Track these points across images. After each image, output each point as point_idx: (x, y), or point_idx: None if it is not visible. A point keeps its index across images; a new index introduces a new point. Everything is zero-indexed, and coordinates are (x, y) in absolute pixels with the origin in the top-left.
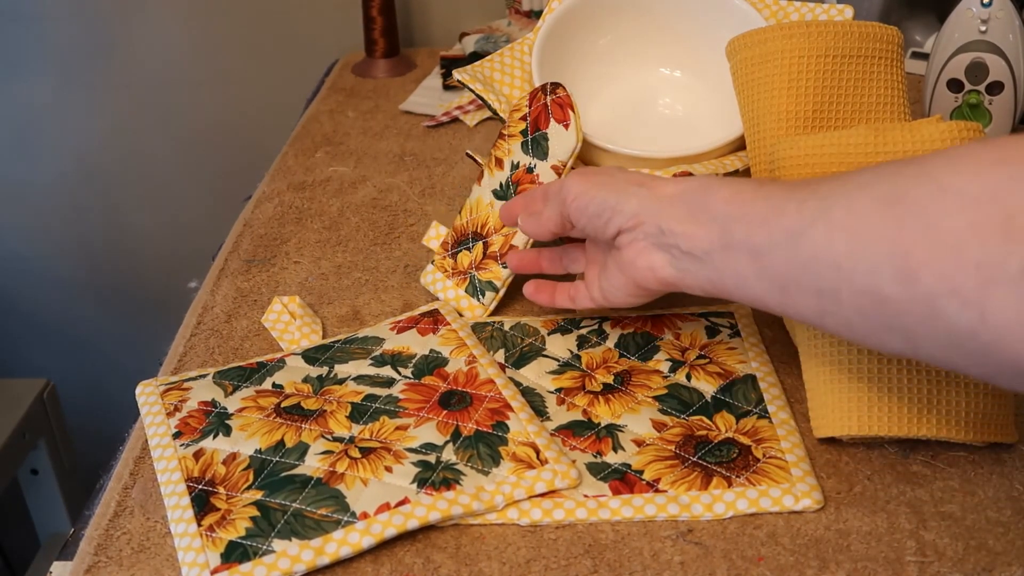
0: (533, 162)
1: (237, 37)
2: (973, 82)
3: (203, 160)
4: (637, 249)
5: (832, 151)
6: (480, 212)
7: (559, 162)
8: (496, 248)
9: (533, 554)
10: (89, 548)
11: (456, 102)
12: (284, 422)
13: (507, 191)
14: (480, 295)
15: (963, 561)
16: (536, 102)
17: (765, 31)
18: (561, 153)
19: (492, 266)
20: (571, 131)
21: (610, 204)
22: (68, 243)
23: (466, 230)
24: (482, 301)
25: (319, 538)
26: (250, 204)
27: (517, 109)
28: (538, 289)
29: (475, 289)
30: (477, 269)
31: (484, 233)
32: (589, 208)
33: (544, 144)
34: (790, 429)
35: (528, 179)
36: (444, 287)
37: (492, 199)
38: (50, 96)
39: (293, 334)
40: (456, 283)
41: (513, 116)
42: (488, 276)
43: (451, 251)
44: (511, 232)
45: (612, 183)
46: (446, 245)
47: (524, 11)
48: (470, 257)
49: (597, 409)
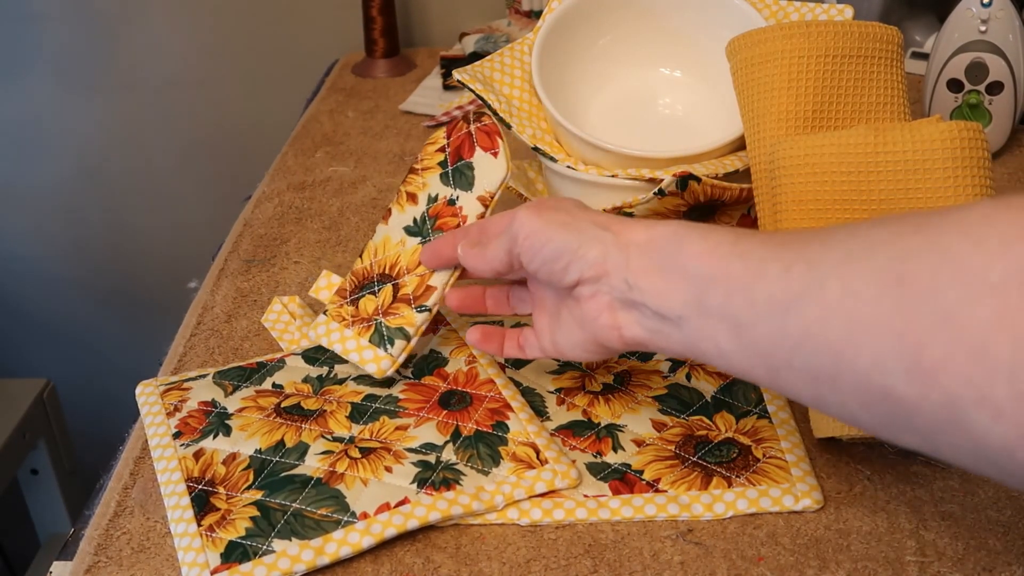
0: (455, 193)
1: (237, 37)
2: (973, 82)
3: (203, 160)
4: (600, 304)
5: (832, 151)
6: (388, 252)
7: (486, 192)
8: (409, 290)
9: (533, 554)
10: (89, 548)
11: (456, 102)
12: (284, 422)
13: (423, 227)
14: (388, 344)
15: (963, 561)
16: (457, 131)
17: (765, 31)
18: (489, 184)
19: (403, 310)
20: (500, 159)
21: (570, 248)
22: (68, 243)
23: (370, 273)
24: (389, 351)
25: (319, 538)
26: (250, 204)
27: (432, 142)
28: (485, 337)
29: (381, 338)
30: (384, 315)
31: (394, 275)
32: (544, 250)
33: (468, 174)
34: (790, 429)
35: (449, 212)
36: (341, 338)
37: (403, 236)
38: (50, 97)
39: (293, 334)
40: (357, 332)
41: (428, 149)
42: (398, 322)
43: (350, 297)
44: (427, 272)
45: (573, 223)
46: (343, 292)
47: (524, 11)
48: (376, 302)
49: (597, 409)
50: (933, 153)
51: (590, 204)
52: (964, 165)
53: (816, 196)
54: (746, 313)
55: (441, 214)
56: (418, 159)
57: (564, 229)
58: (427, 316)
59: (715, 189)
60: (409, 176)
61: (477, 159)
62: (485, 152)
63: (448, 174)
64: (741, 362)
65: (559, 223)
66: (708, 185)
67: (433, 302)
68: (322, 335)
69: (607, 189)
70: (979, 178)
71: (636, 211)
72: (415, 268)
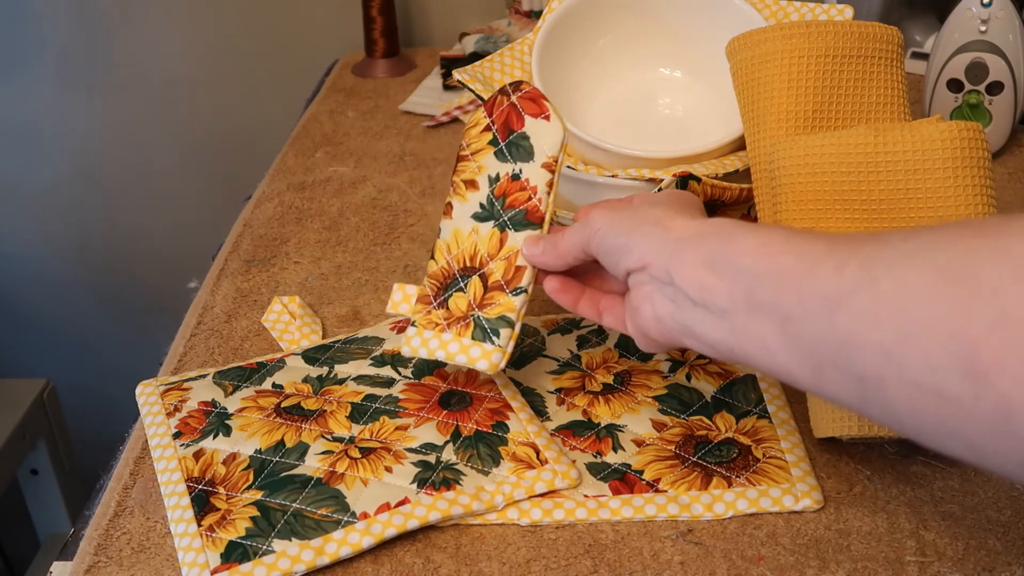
0: (516, 167)
1: (237, 37)
2: (973, 82)
3: (203, 160)
4: (643, 294)
5: (832, 151)
6: (463, 245)
7: (549, 158)
8: (499, 276)
9: (533, 554)
10: (89, 548)
11: (456, 102)
12: (284, 422)
13: (493, 208)
14: (493, 336)
15: (963, 561)
16: (499, 107)
17: (765, 31)
18: (549, 148)
19: (499, 298)
20: (554, 121)
21: (621, 243)
22: (68, 243)
23: (450, 271)
24: (497, 343)
25: (319, 538)
26: (250, 204)
27: (475, 124)
28: (564, 287)
29: (484, 332)
30: (480, 307)
31: (477, 265)
32: (605, 244)
33: (525, 144)
34: (790, 429)
35: (516, 187)
36: (440, 344)
37: (474, 224)
38: (50, 96)
39: (293, 334)
40: (457, 333)
41: (471, 132)
42: (497, 311)
43: (437, 301)
44: (512, 253)
45: (630, 220)
46: (426, 299)
47: (524, 11)
48: (467, 297)
49: (597, 409)
50: (933, 153)
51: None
52: (964, 165)
53: (816, 196)
54: (795, 309)
55: (508, 191)
56: (464, 145)
57: (622, 225)
58: (525, 297)
59: (715, 189)
60: (459, 165)
61: (529, 127)
62: (536, 118)
63: (503, 150)
64: (786, 360)
65: (620, 220)
66: (708, 185)
67: (527, 282)
68: (418, 347)
69: (607, 189)
70: (979, 178)
71: None
72: (498, 253)
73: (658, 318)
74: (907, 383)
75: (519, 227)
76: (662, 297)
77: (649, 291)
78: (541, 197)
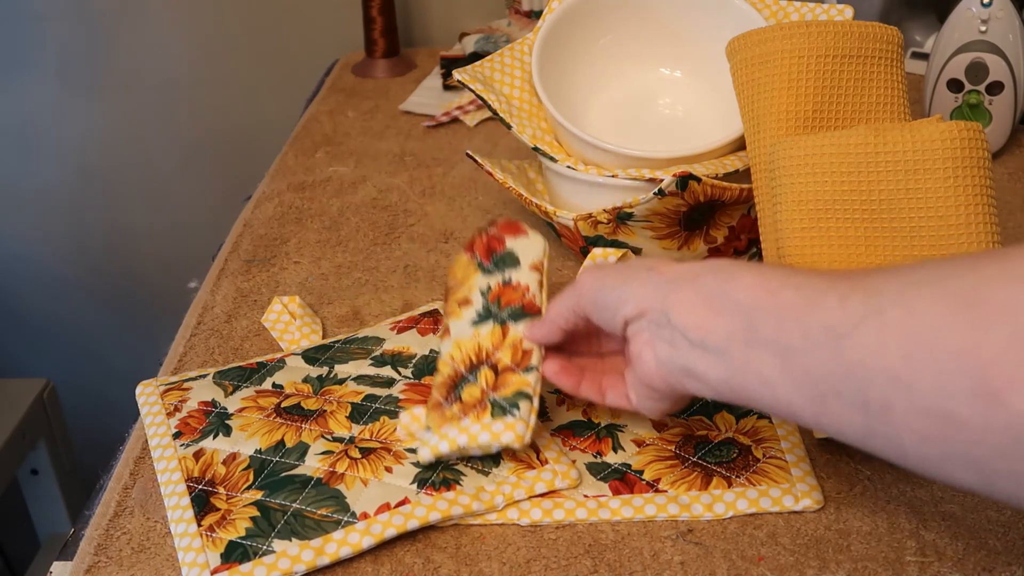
0: (506, 275)
1: (237, 37)
2: (973, 82)
3: (203, 160)
4: (642, 341)
5: (832, 151)
6: (467, 348)
7: (536, 261)
8: (508, 362)
9: (533, 554)
10: (89, 548)
11: (456, 102)
12: (284, 422)
13: (491, 311)
14: (513, 411)
15: (963, 561)
16: (479, 241)
17: (765, 31)
18: (533, 256)
19: (511, 378)
20: (532, 235)
21: (616, 294)
22: (68, 243)
23: (457, 373)
24: (519, 415)
25: (319, 538)
26: (250, 204)
27: (457, 263)
28: (563, 371)
29: (503, 410)
30: (495, 390)
31: (484, 358)
32: (598, 299)
33: (509, 257)
34: (790, 429)
35: (509, 289)
36: (461, 430)
37: (475, 329)
38: (50, 97)
39: (293, 334)
40: (475, 417)
41: (455, 269)
42: (512, 389)
43: (449, 401)
44: (517, 340)
45: (624, 272)
46: (437, 405)
47: (524, 11)
48: (479, 386)
49: (597, 409)
50: (933, 153)
51: (590, 204)
52: (964, 165)
53: (816, 196)
54: (798, 342)
55: (502, 294)
56: (449, 284)
57: (615, 278)
58: (537, 375)
59: (715, 189)
60: (449, 297)
61: (511, 244)
62: (515, 237)
63: (489, 268)
64: (786, 393)
65: (612, 274)
66: (708, 185)
67: (536, 361)
68: (438, 443)
69: (607, 189)
70: (979, 178)
71: (636, 211)
72: (502, 343)
73: (659, 362)
74: (916, 409)
75: (518, 319)
76: (660, 341)
77: (648, 337)
78: (535, 293)
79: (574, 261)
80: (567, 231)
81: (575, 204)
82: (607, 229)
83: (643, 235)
